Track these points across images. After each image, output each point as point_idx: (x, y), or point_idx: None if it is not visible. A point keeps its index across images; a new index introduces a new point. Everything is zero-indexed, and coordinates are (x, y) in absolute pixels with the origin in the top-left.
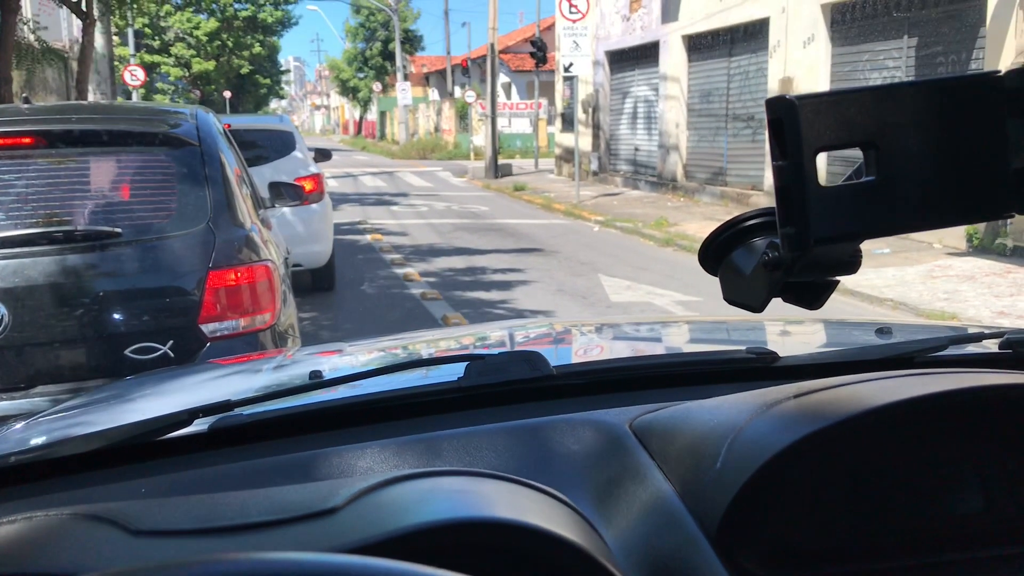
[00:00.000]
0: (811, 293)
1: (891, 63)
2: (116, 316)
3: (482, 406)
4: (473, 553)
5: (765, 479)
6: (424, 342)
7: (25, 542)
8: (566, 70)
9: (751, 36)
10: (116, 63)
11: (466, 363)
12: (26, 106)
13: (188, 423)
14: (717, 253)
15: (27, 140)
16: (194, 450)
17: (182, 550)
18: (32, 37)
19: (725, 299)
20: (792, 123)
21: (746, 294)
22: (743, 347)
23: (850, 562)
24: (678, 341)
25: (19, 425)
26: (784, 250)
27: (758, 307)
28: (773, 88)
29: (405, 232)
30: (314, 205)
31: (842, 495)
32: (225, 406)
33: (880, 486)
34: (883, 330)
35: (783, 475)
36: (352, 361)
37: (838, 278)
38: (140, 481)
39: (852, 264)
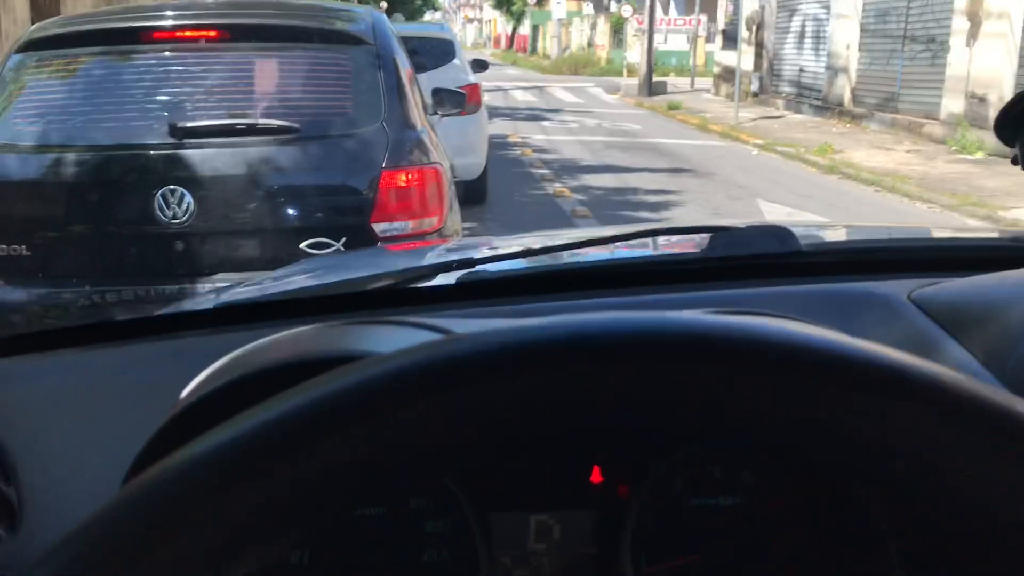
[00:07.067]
0: None
1: None
2: (292, 210)
3: (724, 279)
4: None
5: None
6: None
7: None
8: None
9: None
10: None
11: (710, 235)
12: (209, 0)
13: (433, 276)
14: (1020, 119)
15: (211, 33)
16: (439, 301)
17: None
18: None
19: None
20: None
21: None
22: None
23: None
24: (907, 233)
25: (242, 287)
26: None
27: None
28: (960, 7)
29: (555, 148)
30: (471, 116)
31: None
32: (469, 262)
33: None
34: None
35: None
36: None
37: None
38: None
39: None
